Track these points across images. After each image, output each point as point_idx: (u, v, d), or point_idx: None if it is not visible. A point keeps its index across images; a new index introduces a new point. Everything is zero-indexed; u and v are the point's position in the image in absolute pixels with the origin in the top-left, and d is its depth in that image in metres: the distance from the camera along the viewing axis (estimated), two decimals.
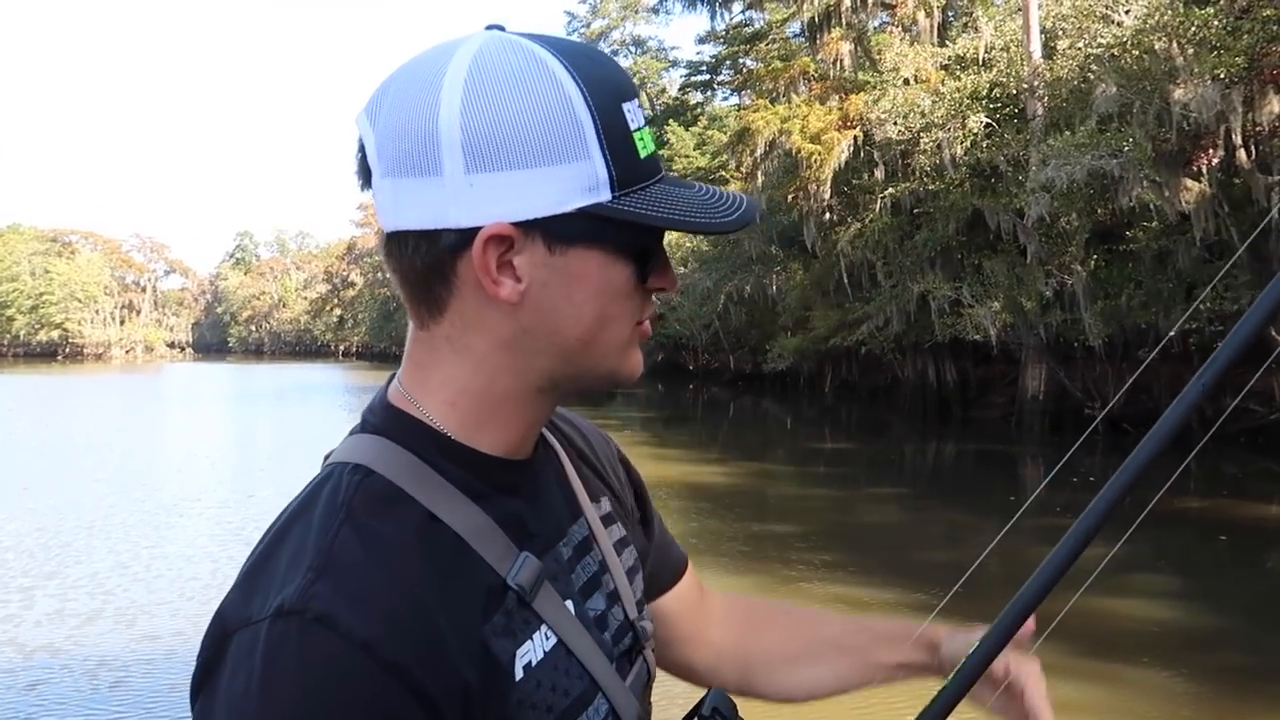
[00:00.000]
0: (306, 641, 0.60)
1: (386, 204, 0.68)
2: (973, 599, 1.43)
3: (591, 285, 0.69)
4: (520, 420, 0.73)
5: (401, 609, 0.62)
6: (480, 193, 0.65)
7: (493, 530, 0.70)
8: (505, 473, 0.73)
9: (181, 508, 10.83)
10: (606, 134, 0.66)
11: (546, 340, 0.70)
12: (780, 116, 22.16)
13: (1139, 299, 15.37)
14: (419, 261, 0.68)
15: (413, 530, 0.66)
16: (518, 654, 0.68)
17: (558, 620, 0.72)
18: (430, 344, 0.72)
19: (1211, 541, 9.52)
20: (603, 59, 0.70)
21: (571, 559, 0.77)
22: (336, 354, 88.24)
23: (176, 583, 7.60)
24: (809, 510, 11.19)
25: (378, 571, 0.63)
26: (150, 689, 5.44)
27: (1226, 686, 5.38)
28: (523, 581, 0.69)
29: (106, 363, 75.01)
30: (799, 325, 24.89)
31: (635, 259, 0.70)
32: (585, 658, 0.73)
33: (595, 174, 0.66)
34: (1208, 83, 12.96)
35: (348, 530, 0.64)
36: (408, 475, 0.69)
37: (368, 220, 74.78)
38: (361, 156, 0.71)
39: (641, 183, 0.69)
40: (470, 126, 0.64)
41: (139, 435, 19.89)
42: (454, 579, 0.66)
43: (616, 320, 0.71)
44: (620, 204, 0.67)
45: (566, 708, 0.70)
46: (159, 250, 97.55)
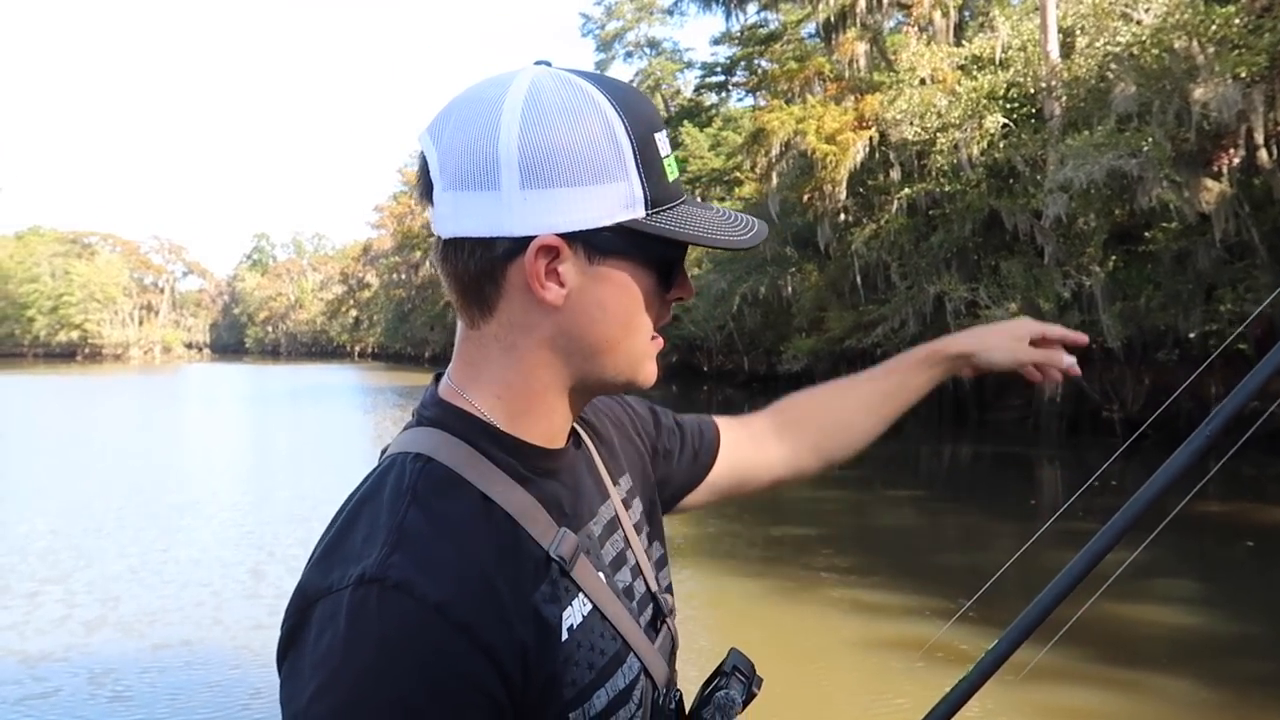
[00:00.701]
0: (386, 604, 0.67)
1: (446, 214, 0.77)
2: (990, 604, 1.40)
3: (622, 293, 0.78)
4: (555, 412, 0.82)
5: (467, 576, 0.71)
6: (533, 206, 0.74)
7: (536, 509, 0.78)
8: (545, 459, 0.81)
9: (194, 512, 10.80)
10: (642, 159, 0.76)
11: (580, 341, 0.79)
12: (795, 117, 22.06)
13: (1158, 300, 15.20)
14: (473, 266, 0.77)
15: (471, 509, 0.75)
16: (562, 617, 0.76)
17: (594, 588, 0.80)
18: (480, 342, 0.80)
19: (1231, 545, 9.39)
20: (638, 95, 0.80)
21: (601, 536, 0.86)
22: (352, 355, 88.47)
23: (188, 588, 7.55)
24: (825, 513, 11.12)
25: (444, 544, 0.72)
26: (153, 697, 5.39)
27: (1249, 695, 5.28)
28: (563, 553, 0.77)
29: (125, 363, 75.45)
30: (814, 326, 24.76)
31: (659, 270, 0.80)
32: (618, 622, 0.81)
33: (632, 193, 0.76)
34: (1228, 82, 12.81)
35: (415, 510, 0.73)
36: (463, 462, 0.77)
37: (383, 223, 74.98)
38: (424, 171, 0.79)
39: (669, 203, 0.79)
40: (526, 148, 0.73)
41: (155, 437, 19.99)
42: (508, 551, 0.75)
43: (640, 328, 0.80)
44: (652, 220, 0.77)
45: (604, 665, 0.78)
46: (177, 252, 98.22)
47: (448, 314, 62.72)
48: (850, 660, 5.94)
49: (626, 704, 0.80)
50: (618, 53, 44.52)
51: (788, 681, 5.12)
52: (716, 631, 6.38)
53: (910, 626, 6.35)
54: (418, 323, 67.61)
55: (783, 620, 6.71)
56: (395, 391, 35.24)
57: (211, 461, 15.80)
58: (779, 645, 6.14)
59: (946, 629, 6.14)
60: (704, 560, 8.32)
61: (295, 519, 10.14)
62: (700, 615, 6.71)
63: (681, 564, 7.68)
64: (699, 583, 7.47)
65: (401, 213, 69.26)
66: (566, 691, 0.75)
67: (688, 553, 8.49)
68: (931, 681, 5.58)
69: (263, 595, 7.27)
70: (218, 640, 6.24)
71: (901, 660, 5.71)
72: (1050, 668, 5.63)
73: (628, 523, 0.91)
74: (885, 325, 20.80)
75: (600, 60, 44.92)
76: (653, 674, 0.84)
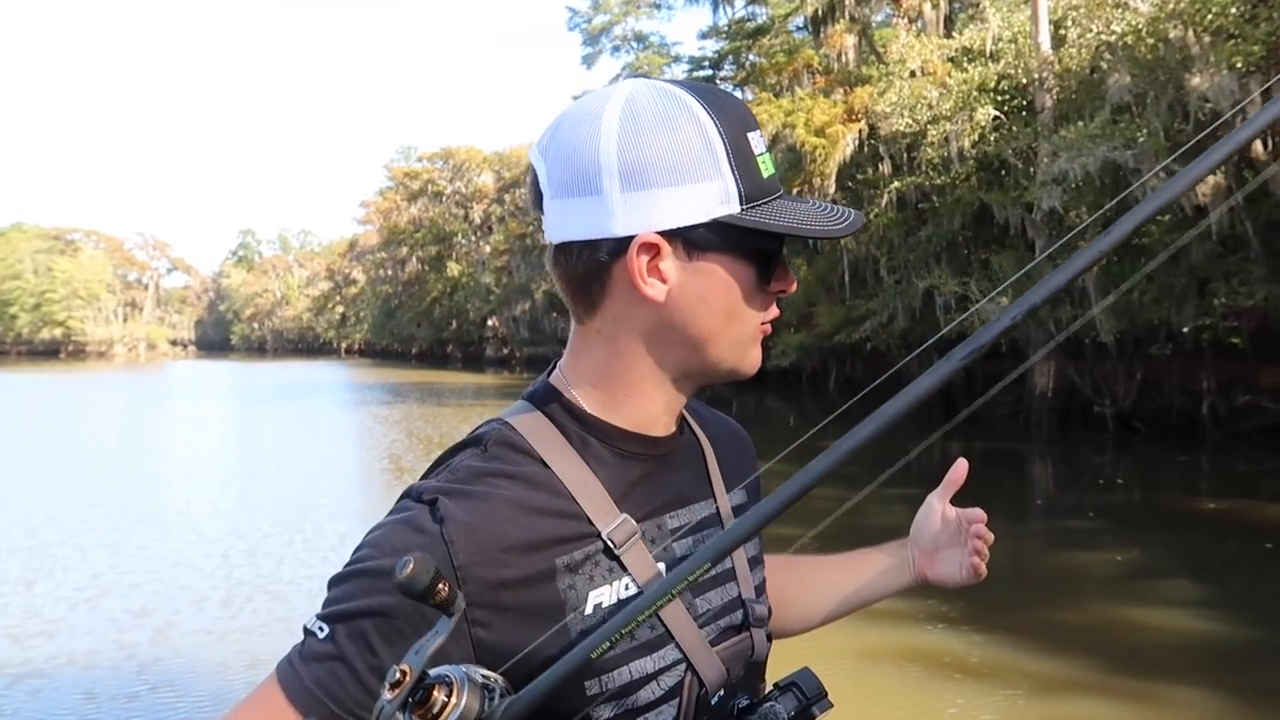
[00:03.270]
0: (410, 507, 0.81)
1: (555, 220, 0.83)
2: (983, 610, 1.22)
3: (722, 286, 0.83)
4: (652, 403, 0.87)
5: (486, 514, 0.79)
6: (633, 207, 0.80)
7: (594, 487, 0.83)
8: (632, 443, 0.87)
9: (175, 514, 10.44)
10: (735, 157, 0.81)
11: (683, 333, 0.84)
12: (784, 110, 21.89)
13: (1151, 294, 15.05)
14: (580, 267, 0.83)
15: (526, 471, 0.83)
16: (591, 594, 0.80)
17: (644, 576, 0.82)
18: (585, 336, 0.87)
19: (1224, 543, 9.24)
20: (730, 97, 0.84)
21: (682, 530, 0.89)
22: (339, 351, 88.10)
23: (165, 593, 7.23)
24: (815, 511, 10.80)
25: (482, 484, 0.81)
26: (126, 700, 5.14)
27: (1251, 700, 5.07)
28: (615, 537, 0.82)
29: (109, 360, 74.98)
30: (803, 322, 24.62)
31: (758, 263, 0.84)
32: (664, 613, 0.82)
33: (727, 190, 0.80)
34: (1224, 72, 12.63)
35: (475, 457, 0.83)
36: (537, 433, 0.85)
37: (369, 218, 74.50)
38: (534, 183, 0.85)
39: (765, 198, 0.83)
40: (625, 154, 0.79)
41: (138, 436, 19.64)
42: (544, 509, 0.81)
43: (741, 319, 0.85)
44: (747, 215, 0.81)
45: (635, 646, 0.81)
46: (161, 248, 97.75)
47: (434, 311, 62.51)
48: (844, 667, 5.71)
49: (654, 684, 0.82)
50: (605, 47, 44.26)
51: None
52: None
53: (908, 634, 6.14)
54: (404, 319, 67.28)
55: None
56: (382, 389, 34.94)
57: (194, 462, 15.48)
58: (773, 653, 5.91)
59: (951, 640, 5.95)
60: None
61: (282, 525, 9.85)
62: None
63: None
64: None
65: (388, 209, 68.81)
66: (577, 656, 0.77)
67: None
68: (929, 689, 5.40)
69: (237, 603, 7.00)
70: (191, 646, 6.00)
71: (897, 668, 5.50)
72: (1055, 678, 5.45)
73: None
74: (874, 320, 20.66)
75: (587, 54, 44.67)
76: (700, 671, 0.85)
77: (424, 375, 44.66)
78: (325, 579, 0.85)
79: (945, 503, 1.21)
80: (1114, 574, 7.79)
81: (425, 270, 63.73)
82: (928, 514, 1.21)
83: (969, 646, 5.83)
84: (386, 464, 14.87)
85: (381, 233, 69.93)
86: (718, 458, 0.98)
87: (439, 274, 61.12)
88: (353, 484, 13.05)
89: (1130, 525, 10.00)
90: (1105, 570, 7.94)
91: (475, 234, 59.20)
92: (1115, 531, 9.66)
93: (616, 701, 0.81)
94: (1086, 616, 6.62)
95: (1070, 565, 8.19)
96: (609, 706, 0.80)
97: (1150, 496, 11.89)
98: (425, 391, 32.40)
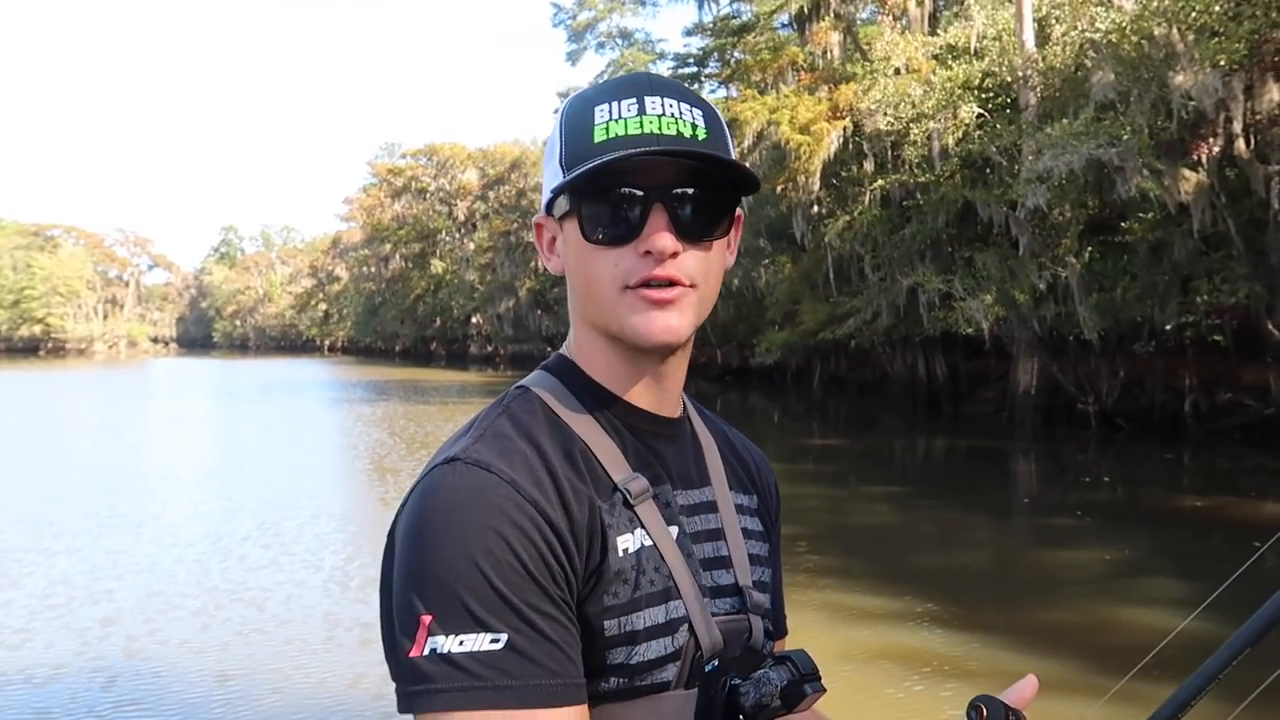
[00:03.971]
0: (465, 474, 0.80)
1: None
2: (969, 611, 1.16)
3: (572, 248, 0.89)
4: (609, 367, 0.92)
5: (537, 468, 0.82)
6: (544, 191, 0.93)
7: (610, 447, 0.88)
8: (639, 418, 0.92)
9: (150, 517, 10.19)
10: (567, 130, 0.89)
11: (578, 297, 0.91)
12: (769, 107, 21.83)
13: (1134, 292, 15.09)
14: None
15: (550, 426, 0.87)
16: (619, 539, 0.83)
17: (657, 531, 0.86)
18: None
19: (1207, 540, 9.24)
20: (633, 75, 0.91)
21: (680, 507, 0.92)
22: (322, 349, 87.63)
23: (132, 599, 6.97)
24: (799, 510, 10.84)
25: (522, 442, 0.84)
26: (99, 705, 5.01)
27: (1236, 699, 5.04)
28: (631, 488, 0.86)
29: (89, 358, 74.26)
30: (787, 319, 24.60)
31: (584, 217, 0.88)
32: (674, 568, 0.86)
33: (555, 164, 0.90)
34: (1208, 70, 12.66)
35: (504, 418, 0.87)
36: (554, 396, 0.91)
37: (353, 215, 74.06)
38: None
39: (594, 157, 0.85)
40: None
41: (115, 435, 19.41)
42: (577, 464, 0.85)
43: (594, 278, 0.88)
44: (567, 175, 0.87)
45: (651, 594, 0.84)
46: (142, 244, 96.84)
47: (418, 308, 62.23)
48: (831, 666, 5.65)
49: (664, 638, 0.84)
50: (589, 43, 44.10)
51: None
52: None
53: (896, 636, 6.09)
54: (388, 316, 66.98)
55: None
56: (365, 387, 34.72)
57: (172, 462, 15.29)
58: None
59: (937, 639, 5.90)
60: None
61: (261, 528, 9.71)
62: None
63: None
64: None
65: (371, 205, 68.43)
66: (608, 599, 0.81)
67: None
68: (915, 688, 5.35)
69: (211, 608, 6.87)
70: (162, 657, 5.83)
71: (886, 673, 5.45)
72: (1041, 676, 5.40)
73: (730, 517, 0.96)
74: (858, 317, 20.65)
75: (572, 50, 44.53)
76: (700, 636, 0.86)
77: (407, 373, 44.42)
78: (304, 584, 0.75)
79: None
80: (1099, 572, 7.77)
81: (409, 267, 63.43)
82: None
83: (955, 645, 5.79)
84: (368, 464, 14.73)
85: (365, 229, 69.57)
86: (720, 455, 1.02)
87: (423, 271, 60.86)
88: (335, 485, 12.88)
89: (1114, 522, 10.00)
90: (1090, 568, 7.92)
91: (459, 231, 58.96)
92: (1099, 529, 9.66)
93: (628, 648, 0.82)
94: (1072, 614, 6.59)
95: (1055, 563, 8.17)
96: (621, 651, 0.82)
97: (1133, 493, 11.91)
98: (409, 389, 32.21)
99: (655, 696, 0.84)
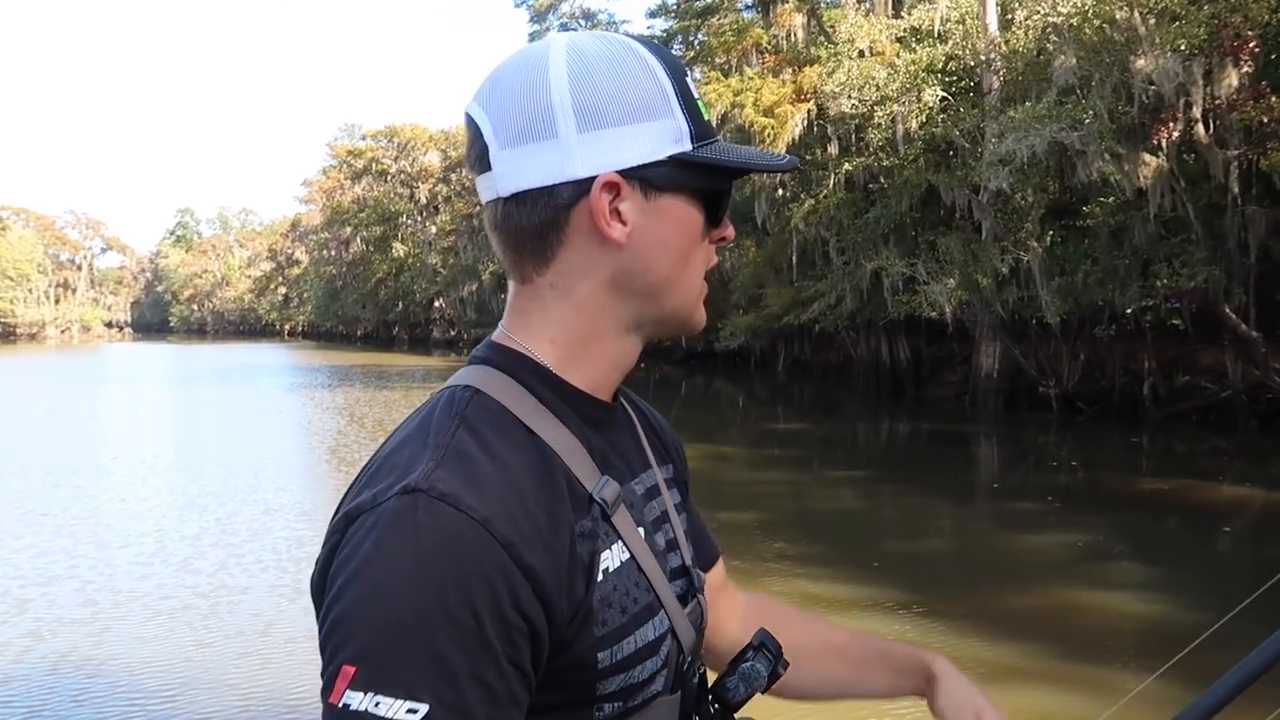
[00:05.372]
0: (431, 512, 0.68)
1: (506, 172, 0.79)
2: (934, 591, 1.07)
3: (679, 226, 0.81)
4: (608, 359, 0.84)
5: (511, 499, 0.71)
6: (591, 147, 0.77)
7: (580, 451, 0.79)
8: (593, 407, 0.83)
9: (88, 514, 9.69)
10: (682, 97, 0.80)
11: (642, 279, 0.81)
12: (733, 89, 21.73)
13: (1095, 276, 15.19)
14: (537, 217, 0.79)
15: (516, 438, 0.76)
16: (600, 558, 0.76)
17: (631, 539, 0.80)
18: (534, 293, 0.82)
19: (1165, 523, 9.33)
20: (661, 46, 0.84)
21: (642, 497, 0.86)
22: (282, 333, 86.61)
23: (69, 610, 6.45)
24: (763, 496, 10.80)
25: (490, 465, 0.72)
26: None
27: (1195, 683, 5.03)
28: (605, 497, 0.78)
29: (41, 343, 72.91)
30: (752, 303, 24.58)
31: (709, 202, 0.82)
32: (652, 576, 0.81)
33: (679, 128, 0.79)
34: (1168, 54, 12.71)
35: (463, 431, 0.74)
36: (510, 396, 0.79)
37: (312, 197, 72.96)
38: (476, 140, 0.81)
39: (710, 138, 0.81)
40: (579, 93, 0.77)
41: (63, 423, 18.91)
42: (550, 482, 0.75)
43: (694, 263, 0.83)
44: (699, 152, 0.80)
45: (637, 612, 0.78)
46: (95, 227, 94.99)
47: (379, 292, 61.55)
48: None
49: (654, 656, 0.80)
50: (552, 24, 43.59)
51: None
52: None
53: (860, 624, 6.03)
54: (349, 300, 66.21)
55: None
56: (327, 371, 34.26)
57: (121, 452, 14.89)
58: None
59: (902, 627, 5.85)
60: None
61: (215, 524, 9.44)
62: None
63: None
64: None
65: (331, 187, 67.42)
66: (598, 629, 0.75)
67: None
68: None
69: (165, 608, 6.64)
70: (100, 674, 5.56)
71: None
72: (1004, 663, 5.38)
73: (668, 498, 0.92)
74: (822, 301, 20.65)
75: (535, 31, 44.00)
76: (680, 638, 0.84)
77: (369, 357, 43.94)
78: (263, 589, 0.57)
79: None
80: (1060, 556, 7.79)
81: (370, 251, 62.65)
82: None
83: (918, 632, 5.75)
84: (328, 454, 14.46)
85: (325, 212, 68.60)
86: (645, 431, 0.96)
87: (384, 255, 60.13)
88: (294, 476, 12.56)
89: (1075, 506, 10.05)
90: (1052, 552, 7.94)
91: (421, 214, 58.31)
92: (1060, 513, 9.71)
93: (623, 674, 0.78)
94: (1034, 600, 6.59)
95: (1017, 548, 8.18)
96: (616, 679, 0.78)
97: (1094, 477, 12.00)
98: (371, 374, 31.84)
99: (644, 709, 0.81)
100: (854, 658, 1.11)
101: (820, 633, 1.14)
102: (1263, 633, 1.17)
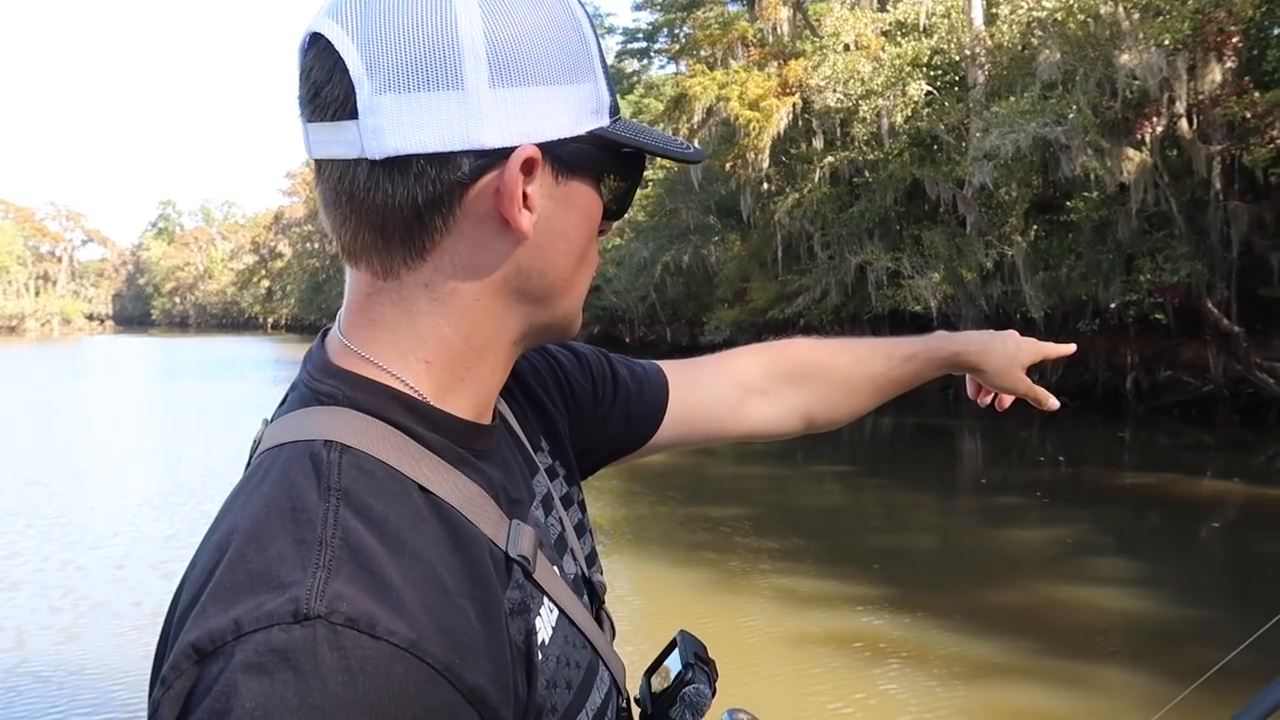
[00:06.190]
0: (338, 648, 0.49)
1: (384, 125, 0.58)
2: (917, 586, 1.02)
3: (583, 219, 0.66)
4: (492, 377, 0.67)
5: (431, 598, 0.54)
6: (506, 108, 0.60)
7: (483, 499, 0.63)
8: (479, 438, 0.67)
9: (61, 515, 9.52)
10: (602, 58, 0.65)
11: (540, 279, 0.65)
12: (718, 83, 21.65)
13: (1079, 270, 15.23)
14: (421, 192, 0.60)
15: (413, 507, 0.58)
16: (535, 630, 0.63)
17: (556, 590, 0.67)
18: (399, 295, 0.63)
19: (1147, 518, 9.36)
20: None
21: (544, 523, 0.72)
22: (265, 326, 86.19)
23: (32, 615, 6.36)
24: (748, 491, 10.77)
25: (397, 560, 0.54)
26: None
27: (1176, 676, 5.02)
28: (524, 552, 0.63)
29: (20, 336, 72.42)
30: (737, 297, 24.56)
31: (614, 191, 0.68)
32: (585, 627, 0.70)
33: (599, 96, 0.64)
34: (1152, 49, 12.72)
35: (348, 515, 0.54)
36: (388, 447, 0.60)
37: (295, 189, 72.55)
38: (331, 73, 0.59)
39: (618, 113, 0.67)
40: (495, 35, 0.59)
41: (40, 419, 18.69)
42: (464, 558, 0.58)
43: (589, 263, 0.69)
44: (616, 130, 0.65)
45: (581, 681, 0.67)
46: (76, 219, 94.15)
47: None
48: (777, 651, 5.55)
49: (601, 710, 0.69)
50: None
51: (720, 682, 4.69)
52: (639, 626, 5.89)
53: (843, 620, 6.01)
54: (333, 293, 65.91)
55: (710, 614, 6.27)
56: None
57: (98, 449, 14.73)
58: (708, 641, 5.72)
59: (884, 624, 5.81)
60: (625, 547, 7.84)
61: (193, 525, 9.34)
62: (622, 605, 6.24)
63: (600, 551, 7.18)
64: (619, 572, 6.99)
65: (314, 179, 67.19)
66: (549, 717, 0.62)
67: (600, 536, 8.00)
68: (861, 673, 5.26)
69: None
70: (66, 685, 5.40)
71: (836, 657, 5.35)
72: (987, 659, 5.36)
73: (555, 492, 0.77)
74: (807, 295, 20.65)
75: None
76: (616, 679, 0.73)
77: None
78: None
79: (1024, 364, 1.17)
80: (1043, 552, 7.79)
81: (340, 213, 62.55)
82: (1010, 358, 1.15)
83: (902, 629, 5.73)
84: None
85: (308, 204, 68.28)
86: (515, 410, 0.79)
87: None
88: None
89: (1058, 501, 10.07)
90: (1036, 547, 7.95)
91: None
92: (1044, 507, 9.72)
93: None
94: (1017, 595, 6.59)
95: (1002, 543, 8.19)
96: None
97: (1077, 471, 12.03)
98: None
99: None
100: (884, 389, 1.14)
101: (851, 369, 1.12)
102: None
